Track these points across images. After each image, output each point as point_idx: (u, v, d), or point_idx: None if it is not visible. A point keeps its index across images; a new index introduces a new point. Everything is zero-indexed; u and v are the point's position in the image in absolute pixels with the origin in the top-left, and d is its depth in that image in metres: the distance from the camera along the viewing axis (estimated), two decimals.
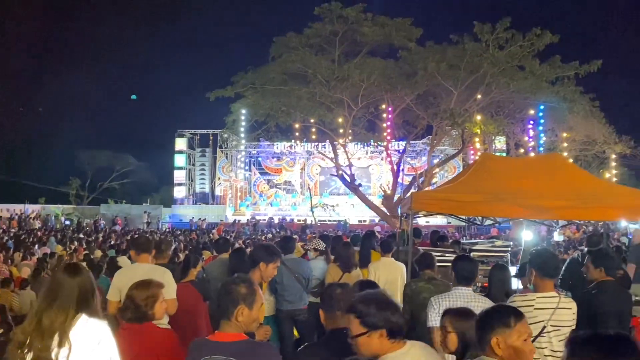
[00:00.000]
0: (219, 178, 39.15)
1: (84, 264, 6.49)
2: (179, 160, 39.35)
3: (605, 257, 4.34)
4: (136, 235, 22.36)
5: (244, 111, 25.67)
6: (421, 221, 28.30)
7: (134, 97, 52.91)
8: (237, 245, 12.02)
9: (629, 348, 1.55)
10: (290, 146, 30.56)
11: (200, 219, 33.51)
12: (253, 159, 40.06)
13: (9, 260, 11.69)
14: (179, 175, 39.48)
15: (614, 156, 25.29)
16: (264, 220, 33.64)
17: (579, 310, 3.60)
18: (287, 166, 39.72)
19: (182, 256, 12.64)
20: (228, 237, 15.18)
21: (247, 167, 39.84)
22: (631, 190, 7.34)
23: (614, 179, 25.61)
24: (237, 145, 35.07)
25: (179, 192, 39.37)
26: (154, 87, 61.71)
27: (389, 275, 6.15)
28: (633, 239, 9.82)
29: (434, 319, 3.69)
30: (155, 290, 3.37)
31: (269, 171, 40.12)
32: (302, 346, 2.93)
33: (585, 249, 7.48)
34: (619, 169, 27.83)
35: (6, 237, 18.84)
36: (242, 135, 31.04)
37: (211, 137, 39.63)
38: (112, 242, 17.73)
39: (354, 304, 2.39)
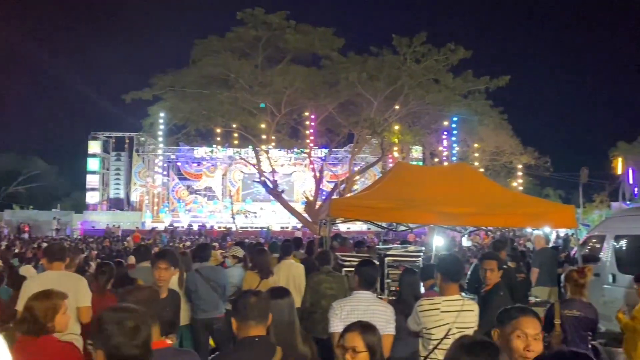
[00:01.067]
0: (135, 183, 37.70)
1: None
2: (93, 164, 37.47)
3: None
4: (45, 243, 21.08)
5: (162, 114, 24.95)
6: (342, 227, 28.82)
7: None
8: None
9: (491, 349, 1.80)
10: (211, 151, 29.91)
11: (114, 225, 32.09)
12: (172, 164, 38.93)
13: None
14: (92, 180, 37.56)
15: (520, 166, 26.99)
16: (183, 227, 32.77)
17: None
18: (207, 172, 38.93)
19: (93, 265, 12.05)
20: (147, 245, 14.62)
21: (165, 172, 38.63)
22: (534, 199, 7.91)
23: (520, 188, 27.34)
24: (155, 149, 33.88)
25: (92, 198, 37.46)
26: (66, 87, 58.51)
27: (289, 274, 6.48)
28: (535, 245, 10.44)
29: (336, 325, 3.70)
30: (57, 301, 3.17)
31: (189, 177, 39.14)
32: (213, 355, 2.87)
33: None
34: (525, 179, 29.73)
35: None
36: (161, 139, 30.05)
37: (127, 141, 38.09)
38: (17, 251, 16.53)
39: None
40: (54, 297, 3.18)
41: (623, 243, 8.51)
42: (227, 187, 38.78)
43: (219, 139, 24.15)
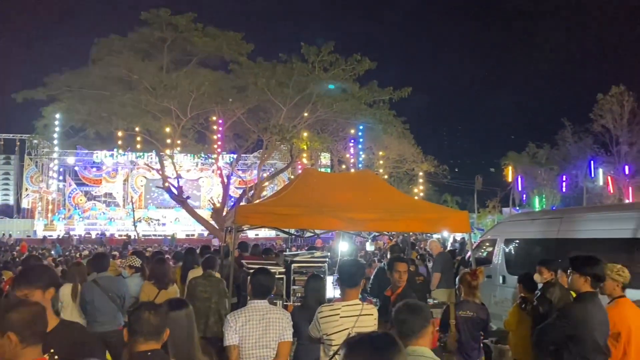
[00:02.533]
0: (27, 189, 35.04)
1: None
2: None
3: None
4: None
5: (58, 115, 23.43)
6: (250, 234, 28.62)
7: None
8: (45, 263, 10.86)
9: (390, 343, 1.85)
10: (112, 155, 28.51)
11: (3, 234, 29.59)
12: (68, 169, 36.60)
13: None
14: None
15: (421, 173, 28.29)
16: (80, 235, 30.90)
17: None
18: (108, 177, 37.05)
19: None
20: (37, 255, 13.60)
21: (61, 178, 36.24)
22: (432, 205, 8.30)
23: (421, 194, 28.67)
24: (50, 152, 31.72)
25: None
26: None
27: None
28: (432, 250, 10.90)
29: (230, 337, 3.66)
30: None
31: (87, 182, 37.01)
32: None
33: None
34: (425, 185, 31.22)
35: None
36: (56, 142, 28.17)
37: (18, 143, 35.37)
38: None
39: None
40: None
41: (512, 246, 9.17)
42: (129, 193, 37.13)
43: (120, 142, 23.03)
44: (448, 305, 5.18)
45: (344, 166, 26.57)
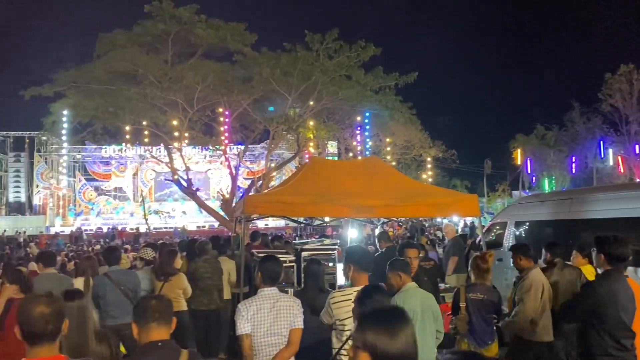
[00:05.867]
0: (38, 185, 35.33)
1: None
2: None
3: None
4: None
5: (65, 112, 23.52)
6: (260, 224, 28.73)
7: None
8: (59, 259, 11.01)
9: (400, 316, 1.93)
10: (121, 150, 28.60)
11: (17, 231, 29.93)
12: (78, 164, 36.84)
13: None
14: None
15: (429, 159, 28.17)
16: (92, 230, 31.17)
17: None
18: (117, 171, 37.28)
19: None
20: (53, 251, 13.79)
21: (70, 173, 36.49)
22: (441, 189, 8.27)
23: (430, 180, 28.60)
24: (59, 148, 31.89)
25: None
26: None
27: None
28: (446, 234, 10.90)
29: (243, 326, 3.69)
30: None
31: (97, 177, 37.26)
32: None
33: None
34: (434, 171, 31.11)
35: None
36: (64, 138, 28.30)
37: (27, 140, 35.62)
38: None
39: None
40: None
41: (522, 229, 9.14)
42: (138, 187, 37.34)
43: (128, 137, 23.09)
44: (458, 288, 5.17)
45: (351, 154, 26.51)
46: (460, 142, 42.10)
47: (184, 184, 21.35)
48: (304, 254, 6.72)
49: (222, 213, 21.17)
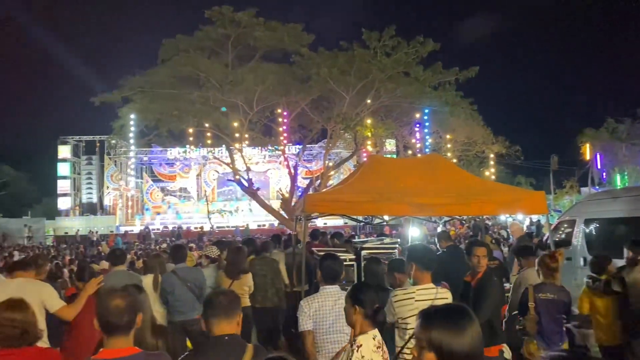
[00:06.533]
0: (108, 187, 37.08)
1: None
2: (63, 168, 36.77)
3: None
4: (16, 251, 20.62)
5: (132, 116, 24.56)
6: (319, 223, 28.87)
7: None
8: (128, 257, 11.47)
9: (464, 314, 1.87)
10: (185, 152, 29.56)
11: (90, 230, 31.62)
12: (144, 166, 38.40)
13: None
14: (63, 185, 36.88)
15: (492, 155, 27.33)
16: (157, 229, 32.40)
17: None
18: (182, 172, 38.56)
19: (66, 271, 11.84)
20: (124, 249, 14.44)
21: (138, 175, 38.09)
22: (505, 186, 8.01)
23: (493, 177, 27.74)
24: (127, 151, 33.41)
25: (63, 203, 36.76)
26: (33, 92, 57.05)
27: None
28: (512, 233, 10.52)
29: (305, 323, 3.73)
30: (31, 310, 3.12)
31: (163, 178, 38.69)
32: (185, 354, 2.85)
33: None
34: (497, 168, 30.18)
35: None
36: (132, 141, 29.63)
37: (98, 144, 37.48)
38: None
39: None
40: (28, 306, 3.10)
41: (593, 226, 8.71)
42: (202, 187, 38.45)
43: (191, 139, 23.90)
44: (527, 287, 4.99)
45: (410, 152, 26.15)
46: (525, 138, 40.62)
47: (245, 183, 21.80)
48: (364, 252, 6.70)
49: (282, 212, 21.46)
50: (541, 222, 21.32)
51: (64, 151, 36.79)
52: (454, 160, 24.20)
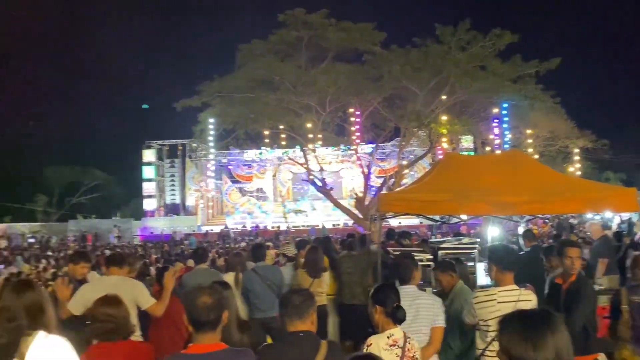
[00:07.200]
0: (190, 188, 38.74)
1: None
2: (148, 172, 38.81)
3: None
4: (107, 250, 22.06)
5: (212, 120, 25.50)
6: (393, 222, 28.57)
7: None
8: (210, 255, 11.91)
9: (547, 319, 1.77)
10: (260, 153, 30.35)
11: (174, 230, 33.24)
12: (223, 168, 39.75)
13: None
14: (148, 187, 38.93)
15: (576, 150, 25.95)
16: (237, 228, 33.43)
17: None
18: (258, 173, 39.52)
19: (153, 270, 12.50)
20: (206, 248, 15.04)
21: (217, 176, 39.51)
22: (592, 183, 7.57)
23: (578, 173, 26.32)
24: (207, 154, 34.73)
25: (149, 205, 38.81)
26: (120, 99, 60.73)
27: None
28: (592, 234, 9.94)
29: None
30: (126, 306, 3.34)
31: (240, 179, 39.83)
32: (263, 344, 2.99)
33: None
34: (582, 163, 28.56)
35: None
36: (211, 144, 30.77)
37: (180, 148, 39.24)
38: None
39: None
40: (122, 302, 3.32)
41: None
42: (277, 188, 39.24)
43: (267, 140, 24.51)
44: (619, 290, 4.70)
45: (488, 148, 25.33)
46: (614, 132, 38.03)
47: (319, 183, 22.03)
48: (441, 252, 6.58)
49: (355, 211, 21.49)
50: (632, 220, 19.93)
51: (149, 155, 38.82)
52: (536, 157, 23.15)
